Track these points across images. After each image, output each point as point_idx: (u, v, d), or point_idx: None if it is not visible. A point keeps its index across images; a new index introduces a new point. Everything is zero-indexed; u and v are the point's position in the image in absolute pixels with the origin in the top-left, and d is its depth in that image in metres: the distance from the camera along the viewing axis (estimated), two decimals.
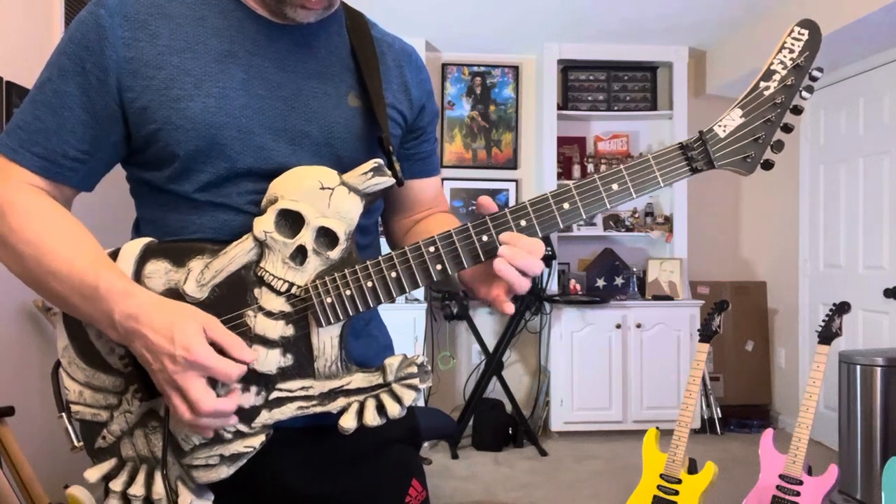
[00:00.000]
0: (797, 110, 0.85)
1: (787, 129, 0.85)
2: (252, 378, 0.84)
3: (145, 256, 0.86)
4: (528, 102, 4.84)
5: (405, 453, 1.02)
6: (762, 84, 0.85)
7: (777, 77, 0.84)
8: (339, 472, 0.95)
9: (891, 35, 3.48)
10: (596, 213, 0.86)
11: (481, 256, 0.84)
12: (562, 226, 0.85)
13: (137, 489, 0.86)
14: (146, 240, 0.87)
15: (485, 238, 0.84)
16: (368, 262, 0.85)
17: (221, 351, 0.79)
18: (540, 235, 0.85)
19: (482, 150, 4.81)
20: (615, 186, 0.84)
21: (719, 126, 0.86)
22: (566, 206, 0.84)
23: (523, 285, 0.83)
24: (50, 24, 2.84)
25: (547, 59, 4.54)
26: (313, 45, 0.93)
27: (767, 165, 0.86)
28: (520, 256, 0.82)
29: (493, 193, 4.76)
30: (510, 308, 0.87)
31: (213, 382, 0.80)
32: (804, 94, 0.84)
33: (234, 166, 0.87)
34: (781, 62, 0.84)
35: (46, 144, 0.85)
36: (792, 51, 0.84)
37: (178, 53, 0.86)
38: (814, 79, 0.84)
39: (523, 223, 0.84)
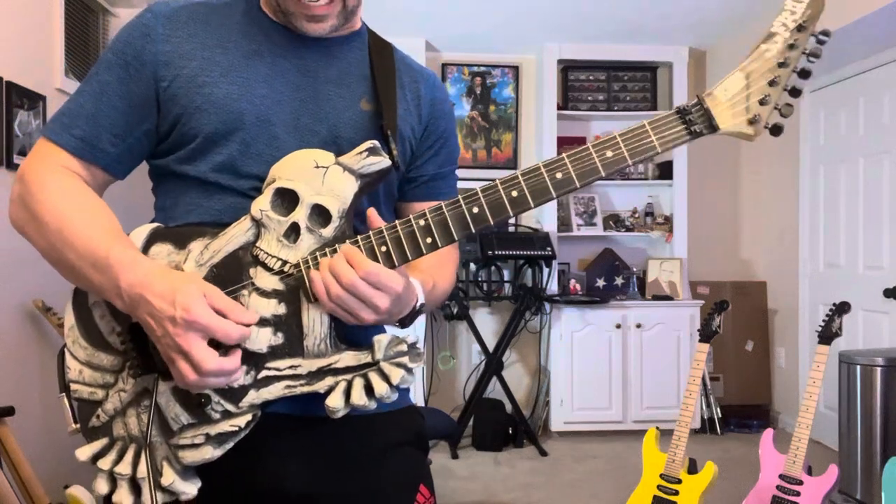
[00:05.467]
0: (805, 73, 0.82)
1: (795, 92, 0.83)
2: (242, 357, 0.83)
3: (151, 240, 0.90)
4: (528, 102, 4.84)
5: (413, 457, 1.01)
6: (763, 46, 0.83)
7: (779, 38, 0.82)
8: (345, 475, 0.94)
9: (891, 35, 3.48)
10: (591, 181, 0.83)
11: (471, 226, 0.84)
12: (555, 195, 0.83)
13: (124, 468, 0.86)
14: (153, 225, 0.91)
15: (475, 210, 0.84)
16: (359, 237, 0.86)
17: (221, 316, 0.80)
18: (532, 205, 0.84)
19: (482, 150, 4.82)
20: (609, 153, 0.83)
21: (720, 89, 0.83)
22: (559, 175, 0.83)
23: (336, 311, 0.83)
24: (50, 25, 2.84)
25: (547, 59, 4.54)
26: (335, 56, 0.99)
27: (776, 130, 0.83)
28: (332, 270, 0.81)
29: None
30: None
31: (215, 345, 0.80)
32: (811, 58, 0.82)
33: (248, 150, 0.92)
34: (783, 24, 0.82)
35: (85, 128, 0.92)
36: (793, 12, 0.82)
37: (210, 49, 0.94)
38: (820, 42, 0.82)
39: (514, 193, 0.83)
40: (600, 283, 4.62)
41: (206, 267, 0.87)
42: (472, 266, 4.50)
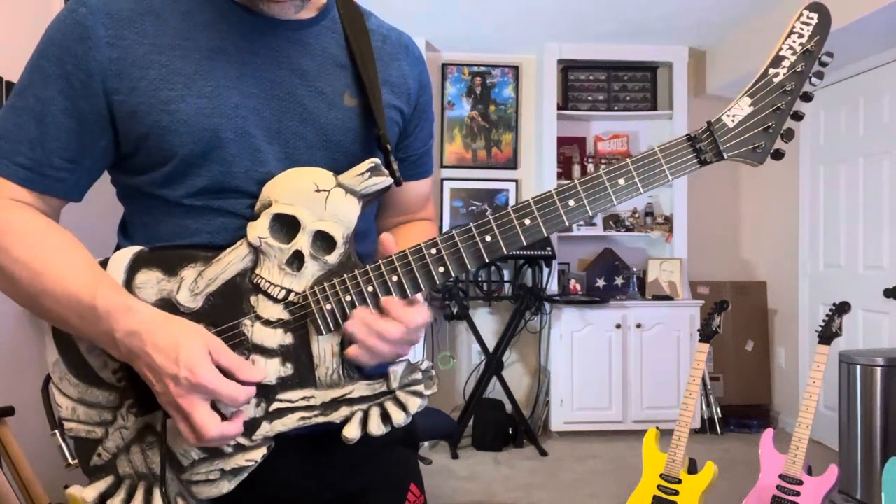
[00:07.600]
0: (807, 97, 0.82)
1: (798, 116, 0.83)
2: None
3: (136, 266, 0.82)
4: (528, 102, 4.84)
5: (403, 457, 1.00)
6: (771, 71, 0.82)
7: (786, 63, 0.81)
8: (336, 475, 0.93)
9: (891, 35, 3.48)
10: (603, 209, 0.83)
11: (485, 257, 0.82)
12: (567, 224, 0.82)
13: None
14: (136, 248, 0.84)
15: (488, 238, 0.82)
16: (368, 267, 0.83)
17: (226, 374, 0.75)
18: (545, 234, 0.82)
19: (482, 150, 4.81)
20: (622, 181, 0.81)
21: (728, 116, 0.83)
22: (571, 203, 0.81)
23: (371, 362, 0.82)
24: None
25: (547, 59, 4.54)
26: (306, 42, 0.88)
27: (778, 155, 0.84)
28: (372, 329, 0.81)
29: (493, 193, 4.76)
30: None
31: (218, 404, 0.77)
32: (814, 80, 0.82)
33: (231, 169, 0.84)
34: (790, 48, 0.81)
35: (31, 155, 0.81)
36: (801, 35, 0.81)
37: (167, 52, 0.81)
38: (823, 64, 0.81)
39: (527, 222, 0.81)
40: (600, 283, 4.62)
41: (202, 296, 0.81)
42: None
